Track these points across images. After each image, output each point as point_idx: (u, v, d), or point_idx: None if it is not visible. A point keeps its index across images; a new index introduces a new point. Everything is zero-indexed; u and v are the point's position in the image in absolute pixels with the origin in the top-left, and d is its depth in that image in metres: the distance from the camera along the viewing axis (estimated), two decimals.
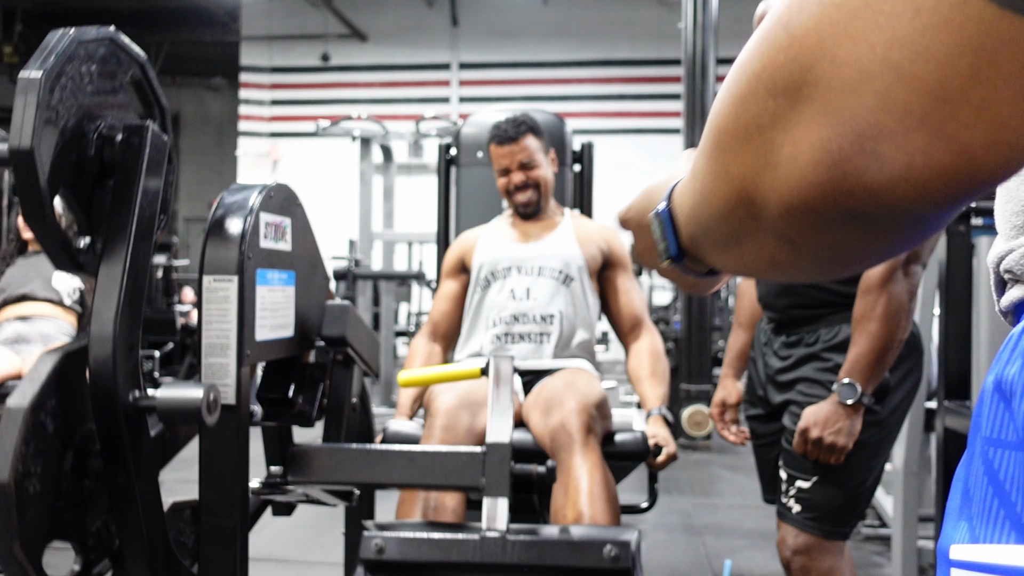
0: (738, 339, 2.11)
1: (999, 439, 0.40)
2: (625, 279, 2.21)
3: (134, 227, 1.01)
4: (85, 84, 1.00)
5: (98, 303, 0.98)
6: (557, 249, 2.15)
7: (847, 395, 1.58)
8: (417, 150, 7.00)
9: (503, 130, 2.14)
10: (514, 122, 2.15)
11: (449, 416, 1.79)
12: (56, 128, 0.93)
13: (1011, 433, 0.39)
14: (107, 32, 1.05)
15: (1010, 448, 0.39)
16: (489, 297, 2.15)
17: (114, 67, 1.08)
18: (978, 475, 0.41)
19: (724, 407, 2.10)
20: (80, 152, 0.99)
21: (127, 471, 0.97)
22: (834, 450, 1.59)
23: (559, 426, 1.75)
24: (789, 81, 0.32)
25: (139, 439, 1.00)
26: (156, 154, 1.05)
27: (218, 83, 14.72)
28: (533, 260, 2.14)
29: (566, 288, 2.12)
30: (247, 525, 1.15)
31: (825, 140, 0.31)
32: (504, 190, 2.18)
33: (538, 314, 2.09)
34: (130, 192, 1.01)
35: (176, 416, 0.99)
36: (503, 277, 2.15)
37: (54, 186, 0.93)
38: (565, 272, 2.12)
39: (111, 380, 0.96)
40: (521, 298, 2.11)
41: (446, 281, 2.27)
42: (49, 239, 0.95)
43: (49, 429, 0.94)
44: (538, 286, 2.11)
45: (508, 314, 2.10)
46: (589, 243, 2.18)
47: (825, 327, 1.75)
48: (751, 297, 2.06)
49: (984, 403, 0.43)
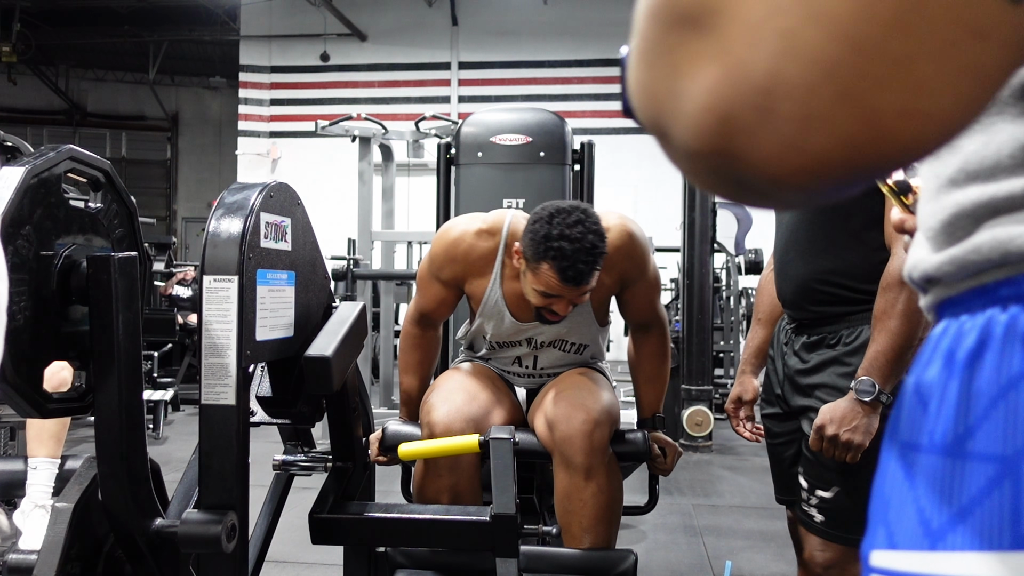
0: (757, 336, 2.04)
1: (916, 443, 0.39)
2: (640, 288, 1.93)
3: (121, 364, 1.03)
4: (42, 219, 1.00)
5: (101, 439, 1.02)
6: (573, 329, 1.92)
7: (865, 392, 1.53)
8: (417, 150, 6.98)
9: (574, 268, 1.65)
10: (590, 256, 1.66)
11: (444, 431, 1.74)
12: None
13: (926, 437, 0.38)
14: (64, 152, 1.04)
15: (925, 452, 0.38)
16: (488, 351, 2.02)
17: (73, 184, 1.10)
18: (896, 479, 0.40)
19: (740, 403, 2.03)
20: (41, 284, 1.00)
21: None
22: (850, 448, 1.54)
23: (567, 440, 1.70)
24: (693, 11, 0.27)
25: (163, 558, 1.07)
26: (127, 281, 1.05)
27: (217, 82, 14.70)
28: (540, 337, 1.94)
29: (577, 355, 2.00)
30: (247, 525, 1.14)
31: (717, 83, 0.26)
32: (537, 305, 1.77)
33: (545, 372, 2.01)
34: (109, 329, 1.02)
35: (195, 545, 1.05)
36: (508, 346, 1.97)
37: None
38: (579, 343, 1.96)
39: (128, 514, 1.03)
40: (528, 366, 2.00)
41: (439, 287, 1.93)
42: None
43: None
44: (547, 355, 1.97)
45: (511, 373, 2.02)
46: (601, 298, 1.91)
47: (846, 327, 1.70)
48: (771, 294, 1.97)
49: (903, 405, 0.42)
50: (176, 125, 15.53)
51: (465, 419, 1.74)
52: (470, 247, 1.87)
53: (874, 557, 0.40)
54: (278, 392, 1.34)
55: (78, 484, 1.04)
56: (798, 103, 0.25)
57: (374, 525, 1.44)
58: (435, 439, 1.65)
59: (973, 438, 0.35)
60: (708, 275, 5.34)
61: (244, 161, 12.35)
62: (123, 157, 15.20)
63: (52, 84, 15.02)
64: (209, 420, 1.09)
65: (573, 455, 1.69)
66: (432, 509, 1.51)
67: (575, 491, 1.69)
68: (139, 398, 1.04)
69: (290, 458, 1.54)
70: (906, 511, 0.38)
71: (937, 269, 0.42)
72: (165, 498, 1.16)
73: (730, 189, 0.30)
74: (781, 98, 0.25)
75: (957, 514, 0.35)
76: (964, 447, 0.36)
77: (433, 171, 3.07)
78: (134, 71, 15.04)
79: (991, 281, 0.38)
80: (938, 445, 0.37)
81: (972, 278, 0.39)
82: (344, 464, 1.52)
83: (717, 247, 6.80)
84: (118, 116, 15.43)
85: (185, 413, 6.20)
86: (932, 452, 0.37)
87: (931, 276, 0.43)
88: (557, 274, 1.66)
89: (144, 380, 1.04)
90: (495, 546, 1.41)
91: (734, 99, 0.26)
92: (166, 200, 15.47)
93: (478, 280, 1.90)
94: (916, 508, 0.37)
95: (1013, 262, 0.37)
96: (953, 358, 0.38)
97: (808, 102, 0.25)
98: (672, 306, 8.47)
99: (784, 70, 0.25)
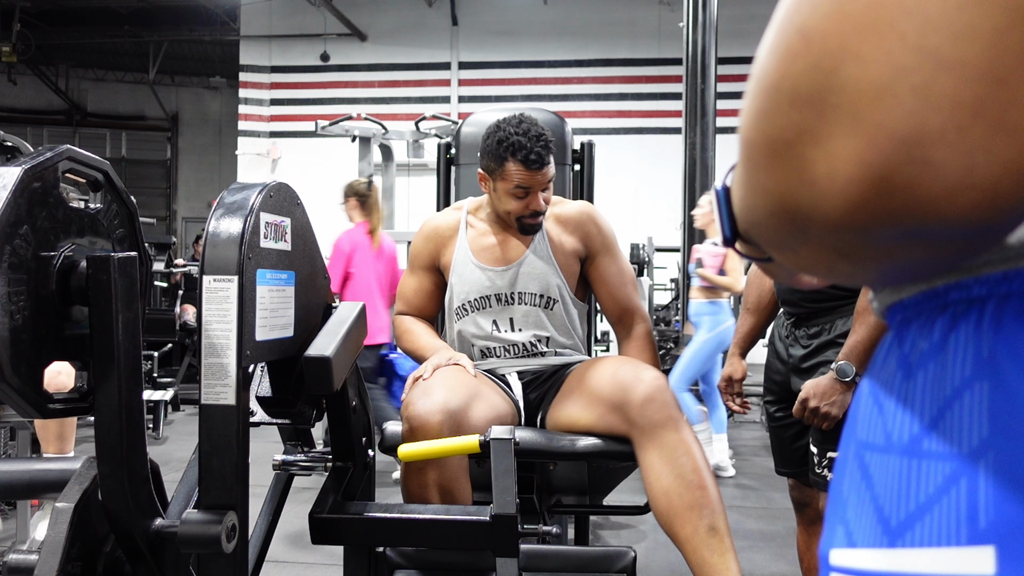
0: (746, 323, 2.30)
1: (872, 443, 0.40)
2: (608, 264, 2.08)
3: (121, 364, 1.02)
4: (40, 219, 0.99)
5: (101, 440, 1.02)
6: (535, 272, 2.03)
7: (844, 373, 1.73)
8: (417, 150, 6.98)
9: (533, 152, 1.90)
10: (541, 141, 1.92)
11: (421, 424, 1.70)
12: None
13: (883, 437, 0.39)
14: (62, 152, 1.04)
15: (881, 452, 0.39)
16: (468, 327, 2.06)
17: (73, 183, 1.10)
18: (854, 479, 0.40)
19: (731, 382, 2.30)
20: (40, 284, 1.00)
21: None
22: (827, 418, 1.75)
23: (646, 401, 1.69)
24: (812, 90, 0.28)
25: (163, 558, 1.07)
26: (127, 281, 1.05)
27: (217, 82, 14.71)
28: (511, 288, 2.03)
29: (548, 311, 2.04)
30: (247, 525, 1.14)
31: (861, 153, 0.27)
32: (518, 212, 1.98)
33: (524, 341, 2.03)
34: (109, 329, 1.02)
35: (195, 545, 1.05)
36: (480, 308, 2.05)
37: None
38: (546, 296, 2.03)
39: (128, 514, 1.03)
40: (505, 330, 2.04)
41: (419, 274, 2.15)
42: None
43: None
44: (520, 315, 2.04)
45: (493, 345, 2.04)
46: (564, 252, 2.06)
47: (840, 317, 1.93)
48: (759, 286, 2.27)
49: (859, 405, 0.43)
50: (176, 125, 15.53)
51: (443, 412, 1.68)
52: (438, 224, 2.15)
53: (833, 556, 0.40)
54: (278, 392, 1.34)
55: (78, 484, 1.04)
56: (952, 147, 0.25)
57: (374, 525, 1.44)
58: (434, 440, 1.64)
59: (929, 438, 0.36)
60: None
61: (244, 161, 12.35)
62: (123, 157, 15.20)
63: (52, 84, 15.02)
64: (209, 420, 1.09)
65: (665, 406, 1.68)
66: (432, 509, 1.51)
67: (674, 446, 1.65)
68: (139, 398, 1.04)
69: (290, 458, 1.54)
70: (864, 510, 0.39)
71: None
72: (165, 498, 1.16)
73: (891, 243, 0.30)
74: (933, 146, 0.25)
75: (915, 512, 0.36)
76: (920, 446, 0.36)
77: (433, 171, 3.07)
78: (134, 71, 15.05)
79: (941, 285, 0.39)
80: (895, 445, 0.38)
81: (922, 282, 0.40)
82: (344, 464, 1.52)
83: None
84: (118, 116, 15.43)
85: (185, 413, 6.20)
86: (889, 452, 0.38)
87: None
88: (521, 164, 1.92)
89: (144, 380, 1.04)
90: (495, 546, 1.41)
91: (884, 162, 0.26)
92: (166, 200, 15.48)
93: (448, 247, 2.10)
94: (875, 507, 0.38)
95: (963, 266, 0.37)
96: (907, 361, 0.39)
97: (964, 143, 0.25)
98: (672, 306, 8.48)
99: (928, 121, 0.25)
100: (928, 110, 0.25)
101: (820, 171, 0.29)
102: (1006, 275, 0.36)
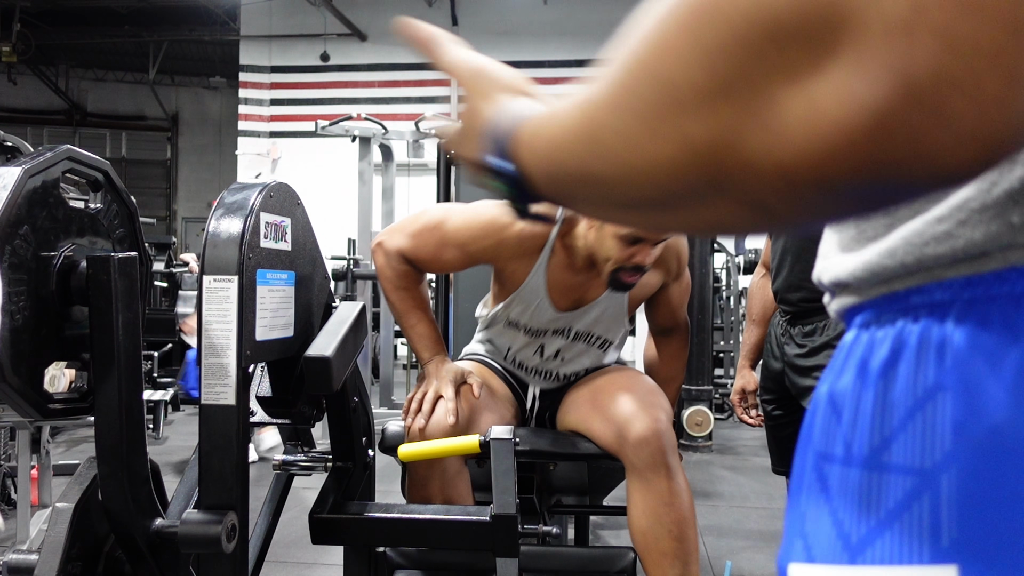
0: (752, 334, 2.35)
1: (831, 454, 0.38)
2: (675, 288, 1.94)
3: (121, 364, 1.03)
4: (40, 219, 1.00)
5: (101, 440, 1.02)
6: (605, 321, 1.86)
7: None
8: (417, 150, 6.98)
9: None
10: None
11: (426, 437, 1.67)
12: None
13: (842, 447, 0.37)
14: (62, 152, 1.04)
15: (840, 464, 0.37)
16: (507, 340, 1.93)
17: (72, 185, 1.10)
18: (812, 490, 0.39)
19: (743, 394, 2.32)
20: (40, 284, 1.00)
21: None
22: None
23: (641, 443, 1.63)
24: (804, 25, 0.25)
25: (163, 558, 1.08)
26: (127, 281, 1.04)
27: (217, 82, 14.71)
28: (572, 324, 1.86)
29: (600, 351, 1.94)
30: (247, 525, 1.14)
31: (863, 96, 0.25)
32: (618, 263, 1.68)
33: (565, 372, 1.94)
34: (109, 329, 1.02)
35: (195, 545, 1.05)
36: (532, 335, 1.89)
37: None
38: (603, 338, 1.91)
39: (128, 514, 1.03)
40: (548, 357, 1.92)
41: (459, 255, 1.77)
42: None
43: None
44: (570, 349, 1.91)
45: (530, 364, 1.94)
46: (641, 292, 1.87)
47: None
48: (762, 297, 2.29)
49: (816, 414, 0.41)
50: (176, 125, 15.53)
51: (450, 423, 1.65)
52: (522, 229, 1.74)
53: (792, 570, 0.39)
54: (278, 392, 1.34)
55: (78, 484, 1.04)
56: (967, 96, 0.24)
57: (374, 525, 1.44)
58: (434, 440, 1.64)
59: (889, 450, 0.35)
60: (708, 275, 5.35)
61: (244, 161, 12.35)
62: (123, 157, 15.20)
63: (52, 84, 15.02)
64: (209, 420, 1.09)
65: (661, 449, 1.62)
66: (432, 509, 1.51)
67: (660, 493, 1.61)
68: (139, 398, 1.04)
69: (290, 458, 1.54)
70: (823, 524, 0.37)
71: (849, 274, 0.41)
72: (165, 498, 1.16)
73: (847, 196, 0.27)
74: (948, 94, 0.24)
75: (875, 528, 0.34)
76: (880, 459, 0.35)
77: (433, 171, 3.07)
78: (134, 71, 15.05)
79: (902, 289, 0.37)
80: (855, 457, 0.36)
81: (883, 284, 0.38)
82: (344, 464, 1.52)
83: (717, 247, 6.80)
84: (118, 116, 15.43)
85: (185, 413, 6.20)
86: (848, 464, 0.37)
87: (842, 281, 0.42)
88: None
89: (144, 380, 1.04)
90: (495, 546, 1.41)
91: (888, 107, 0.24)
92: (166, 200, 15.47)
93: (520, 261, 1.79)
94: (834, 521, 0.37)
95: (927, 268, 0.36)
96: (867, 368, 0.37)
97: (980, 93, 0.24)
98: None
99: (947, 66, 0.23)
100: (948, 54, 0.23)
101: (793, 114, 0.26)
102: (969, 280, 0.35)
